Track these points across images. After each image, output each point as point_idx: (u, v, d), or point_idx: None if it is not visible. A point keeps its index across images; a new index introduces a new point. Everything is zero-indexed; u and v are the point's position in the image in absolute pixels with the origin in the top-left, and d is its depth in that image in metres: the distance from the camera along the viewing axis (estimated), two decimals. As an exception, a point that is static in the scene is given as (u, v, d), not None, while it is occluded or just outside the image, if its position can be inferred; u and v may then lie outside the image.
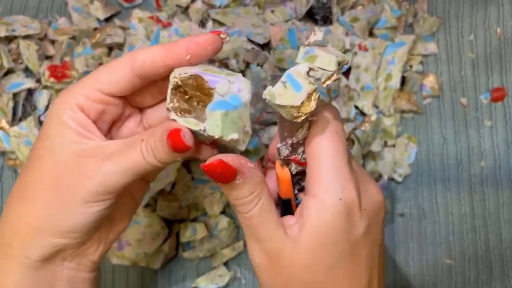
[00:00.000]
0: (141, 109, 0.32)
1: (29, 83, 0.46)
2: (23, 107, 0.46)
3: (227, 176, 0.26)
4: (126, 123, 0.32)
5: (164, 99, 0.30)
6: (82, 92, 0.28)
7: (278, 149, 0.28)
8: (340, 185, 0.27)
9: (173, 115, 0.27)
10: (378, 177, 0.46)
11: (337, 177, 0.27)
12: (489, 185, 0.46)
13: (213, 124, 0.26)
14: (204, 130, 0.26)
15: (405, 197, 0.47)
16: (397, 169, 0.46)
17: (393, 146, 0.47)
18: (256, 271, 0.29)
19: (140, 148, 0.27)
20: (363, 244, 0.28)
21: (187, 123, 0.26)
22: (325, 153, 0.27)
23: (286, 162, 0.28)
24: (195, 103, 0.27)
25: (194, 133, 0.27)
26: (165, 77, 0.28)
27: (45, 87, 0.46)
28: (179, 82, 0.26)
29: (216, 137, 0.26)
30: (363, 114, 0.46)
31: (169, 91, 0.27)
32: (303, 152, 0.28)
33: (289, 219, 0.28)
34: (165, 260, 0.45)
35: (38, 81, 0.47)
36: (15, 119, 0.46)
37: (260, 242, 0.28)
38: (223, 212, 0.45)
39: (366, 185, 0.29)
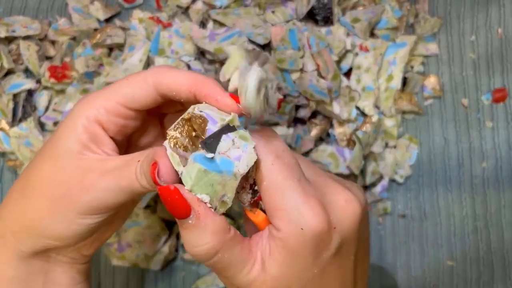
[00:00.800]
0: (161, 114, 0.32)
1: (29, 84, 0.46)
2: (23, 108, 0.46)
3: (179, 209, 0.24)
4: (145, 134, 0.31)
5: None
6: (104, 105, 0.27)
7: (239, 200, 0.27)
8: (298, 213, 0.25)
9: (166, 143, 0.25)
10: (379, 178, 0.46)
11: (291, 204, 0.25)
12: (491, 186, 0.46)
13: (188, 173, 0.24)
14: (181, 174, 0.24)
15: (406, 198, 0.47)
16: (398, 170, 0.46)
17: (394, 147, 0.47)
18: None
19: (135, 169, 0.26)
20: (334, 264, 0.27)
21: (172, 157, 0.24)
22: (272, 184, 0.25)
23: (254, 205, 0.27)
24: (196, 148, 0.25)
25: None
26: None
27: (45, 87, 0.46)
28: (190, 116, 0.25)
29: (186, 187, 0.24)
30: (364, 115, 0.46)
31: (180, 118, 0.25)
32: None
33: (256, 251, 0.26)
34: (166, 262, 0.45)
35: (38, 81, 0.47)
36: (15, 120, 0.46)
37: (228, 279, 0.26)
38: (223, 213, 0.45)
39: (334, 197, 0.27)
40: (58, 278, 0.30)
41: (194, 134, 0.25)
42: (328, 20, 0.45)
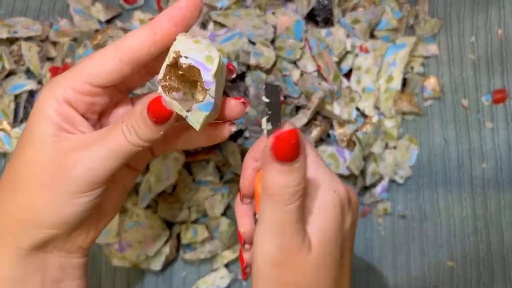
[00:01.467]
0: (129, 92, 0.32)
1: (31, 85, 0.46)
2: (25, 109, 0.46)
3: (294, 153, 0.25)
4: (116, 110, 0.31)
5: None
6: (70, 85, 0.27)
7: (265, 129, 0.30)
8: (331, 181, 0.29)
9: (161, 91, 0.26)
10: (379, 179, 0.46)
11: (325, 175, 0.29)
12: (491, 187, 0.46)
13: (195, 119, 0.26)
14: (186, 117, 0.26)
15: (406, 199, 0.47)
16: (398, 170, 0.46)
17: (394, 147, 0.47)
18: (263, 266, 0.28)
19: (122, 129, 0.26)
20: (349, 237, 0.30)
21: (173, 104, 0.26)
22: (313, 162, 0.30)
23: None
24: (186, 84, 0.27)
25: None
26: (155, 58, 0.27)
27: (47, 88, 0.47)
28: (178, 63, 0.26)
29: (194, 128, 0.27)
30: (364, 115, 0.46)
31: (164, 65, 0.26)
32: None
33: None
34: (166, 262, 0.45)
35: (40, 82, 0.47)
36: (16, 121, 0.46)
37: (285, 239, 0.27)
38: (224, 214, 0.45)
39: (342, 183, 0.31)
40: (55, 275, 0.30)
41: (180, 72, 0.26)
42: (328, 21, 0.45)
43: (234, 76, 0.29)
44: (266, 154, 0.25)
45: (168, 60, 0.26)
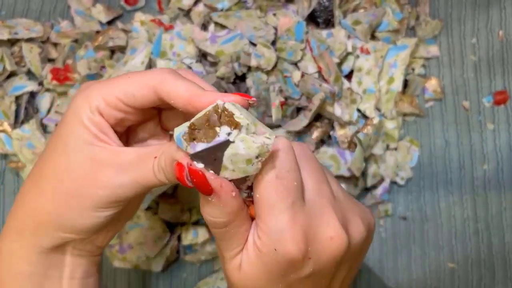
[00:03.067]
0: (159, 110, 0.32)
1: (32, 86, 0.46)
2: (26, 110, 0.46)
3: (204, 189, 0.25)
4: (144, 125, 0.32)
5: None
6: (104, 97, 0.27)
7: None
8: (278, 235, 0.25)
9: (183, 144, 0.25)
10: (380, 180, 0.46)
11: (275, 224, 0.25)
12: (492, 189, 0.46)
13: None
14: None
15: (407, 200, 0.47)
16: (399, 172, 0.46)
17: (395, 149, 0.47)
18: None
19: (153, 166, 0.27)
20: (304, 283, 0.28)
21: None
22: (264, 200, 0.26)
23: (250, 202, 0.28)
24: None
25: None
26: None
27: (48, 90, 0.47)
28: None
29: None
30: (365, 117, 0.46)
31: (196, 120, 0.25)
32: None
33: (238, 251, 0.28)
34: (167, 263, 0.45)
35: (41, 84, 0.47)
36: (17, 122, 0.46)
37: (221, 249, 0.28)
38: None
39: (322, 229, 0.27)
40: (73, 271, 0.31)
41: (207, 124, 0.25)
42: (329, 23, 0.45)
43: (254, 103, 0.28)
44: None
45: (200, 118, 0.25)
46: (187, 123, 0.25)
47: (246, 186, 0.27)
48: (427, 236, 0.46)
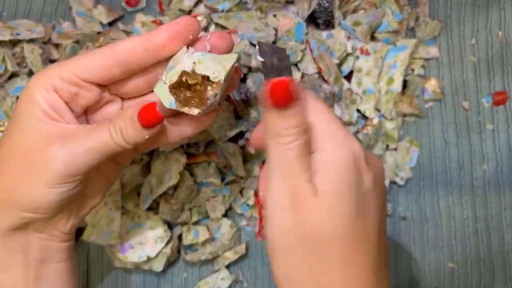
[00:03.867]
0: (123, 98, 0.32)
1: (33, 87, 0.46)
2: (27, 111, 0.46)
3: (287, 99, 0.26)
4: (104, 109, 0.32)
5: (149, 93, 0.31)
6: (58, 74, 0.28)
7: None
8: (345, 137, 0.28)
9: (165, 93, 0.28)
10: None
11: (338, 131, 0.28)
12: (491, 189, 0.46)
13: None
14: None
15: (407, 201, 0.47)
16: (399, 172, 0.46)
17: (395, 149, 0.47)
18: (274, 211, 0.28)
19: (109, 128, 0.28)
20: (372, 196, 0.29)
21: (175, 106, 0.28)
22: (325, 120, 0.29)
23: None
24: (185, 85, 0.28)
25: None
26: (149, 69, 0.29)
27: (49, 90, 0.47)
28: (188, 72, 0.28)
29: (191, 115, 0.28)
30: (365, 117, 0.46)
31: (177, 70, 0.28)
32: None
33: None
34: (167, 263, 0.45)
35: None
36: (19, 122, 0.46)
37: (290, 178, 0.27)
38: (225, 215, 0.45)
39: (359, 143, 0.30)
40: (38, 255, 0.31)
41: (184, 79, 0.28)
42: (329, 24, 0.46)
43: (241, 76, 0.31)
44: (265, 101, 0.27)
45: (182, 67, 0.27)
46: (165, 86, 0.28)
47: None
48: (427, 236, 0.46)
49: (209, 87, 0.28)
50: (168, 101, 0.28)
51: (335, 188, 0.27)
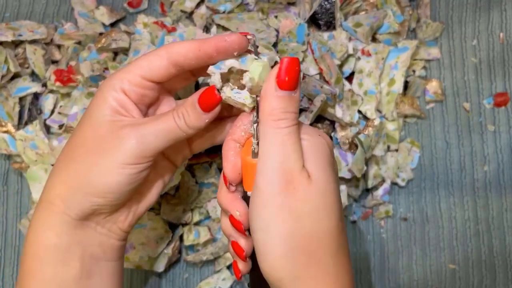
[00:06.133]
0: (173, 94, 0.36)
1: (35, 87, 0.46)
2: (29, 111, 0.46)
3: (297, 80, 0.29)
4: (161, 107, 0.35)
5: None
6: (126, 77, 0.31)
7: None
8: (313, 128, 0.32)
9: (216, 81, 0.31)
10: (381, 182, 0.46)
11: (307, 124, 0.33)
12: (493, 190, 0.46)
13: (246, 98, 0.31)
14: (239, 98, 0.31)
15: (408, 202, 0.47)
16: (400, 173, 0.46)
17: (396, 150, 0.47)
18: (268, 195, 0.29)
19: (172, 114, 0.31)
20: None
21: (225, 93, 0.31)
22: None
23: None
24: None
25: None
26: (198, 68, 0.32)
27: (51, 91, 0.47)
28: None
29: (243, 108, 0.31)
30: (366, 118, 0.46)
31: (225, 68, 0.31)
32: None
33: None
34: (169, 264, 0.45)
35: (44, 85, 0.47)
36: (21, 123, 0.46)
37: (285, 160, 0.29)
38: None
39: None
40: (94, 252, 0.32)
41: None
42: (330, 25, 0.46)
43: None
44: (270, 84, 0.29)
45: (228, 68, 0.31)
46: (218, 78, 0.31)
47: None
48: (428, 237, 0.46)
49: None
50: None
51: (325, 169, 0.30)
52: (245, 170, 0.31)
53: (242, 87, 0.31)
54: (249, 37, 0.31)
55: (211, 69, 0.31)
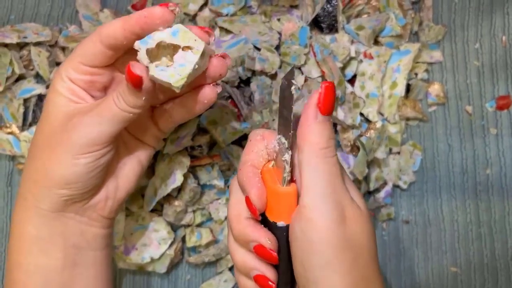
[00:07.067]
0: None
1: (40, 89, 0.47)
2: (34, 113, 0.47)
3: (333, 106, 0.29)
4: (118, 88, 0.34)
5: None
6: (70, 65, 0.31)
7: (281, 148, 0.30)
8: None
9: (141, 57, 0.29)
10: (383, 184, 0.46)
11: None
12: (495, 193, 0.46)
13: (174, 79, 0.29)
14: (162, 81, 0.29)
15: (410, 204, 0.47)
16: (402, 176, 0.46)
17: (398, 153, 0.47)
18: (319, 226, 0.27)
19: (112, 97, 0.30)
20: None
21: (150, 69, 0.29)
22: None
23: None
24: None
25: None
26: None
27: (55, 93, 0.47)
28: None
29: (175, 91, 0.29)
30: (368, 121, 0.46)
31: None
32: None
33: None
34: (171, 265, 0.45)
35: (48, 87, 0.47)
36: (25, 124, 0.46)
37: (336, 193, 0.28)
38: (228, 218, 0.46)
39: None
40: (77, 241, 0.33)
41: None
42: (332, 28, 0.46)
43: (212, 39, 0.32)
44: (310, 111, 0.28)
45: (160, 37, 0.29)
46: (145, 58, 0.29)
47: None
48: (430, 240, 0.46)
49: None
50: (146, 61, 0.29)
51: (363, 200, 0.30)
52: (274, 199, 0.29)
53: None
54: (171, 8, 0.29)
55: (137, 44, 0.29)
